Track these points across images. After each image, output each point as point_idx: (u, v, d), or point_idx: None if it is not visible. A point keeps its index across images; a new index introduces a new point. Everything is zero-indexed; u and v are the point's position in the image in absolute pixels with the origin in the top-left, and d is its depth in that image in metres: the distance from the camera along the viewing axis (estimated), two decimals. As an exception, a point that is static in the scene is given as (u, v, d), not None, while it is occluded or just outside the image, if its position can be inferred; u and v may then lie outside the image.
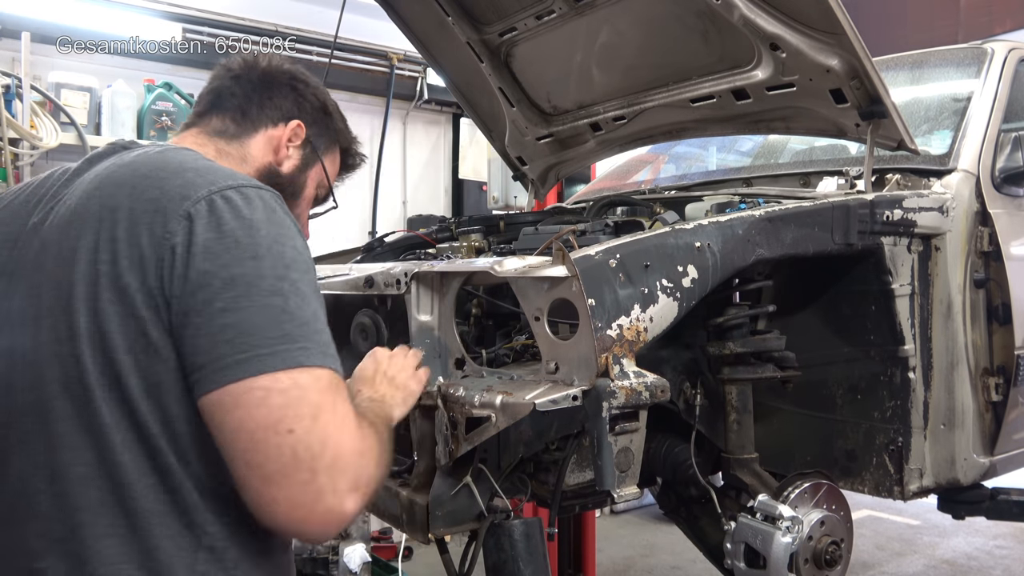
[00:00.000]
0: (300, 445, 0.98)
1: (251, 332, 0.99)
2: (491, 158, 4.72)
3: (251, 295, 1.01)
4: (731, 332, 1.89)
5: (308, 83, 1.47)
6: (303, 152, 1.43)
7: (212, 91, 1.41)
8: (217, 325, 0.99)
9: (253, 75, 1.41)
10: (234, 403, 0.98)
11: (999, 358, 2.25)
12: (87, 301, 1.02)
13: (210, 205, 1.05)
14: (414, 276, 1.74)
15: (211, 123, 1.38)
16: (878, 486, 2.15)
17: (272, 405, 0.98)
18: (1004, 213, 2.31)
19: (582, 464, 1.92)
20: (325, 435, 0.99)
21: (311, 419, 0.99)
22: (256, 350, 0.98)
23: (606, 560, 4.31)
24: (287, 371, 0.99)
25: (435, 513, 1.69)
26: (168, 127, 4.20)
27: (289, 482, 0.98)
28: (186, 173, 1.10)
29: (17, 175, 3.75)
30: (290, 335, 1.01)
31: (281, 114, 1.41)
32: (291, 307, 1.02)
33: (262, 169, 1.38)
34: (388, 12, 2.83)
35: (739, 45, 2.23)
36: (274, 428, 0.97)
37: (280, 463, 0.97)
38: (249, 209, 1.06)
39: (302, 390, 0.99)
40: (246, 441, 0.98)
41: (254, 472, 0.98)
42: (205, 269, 1.01)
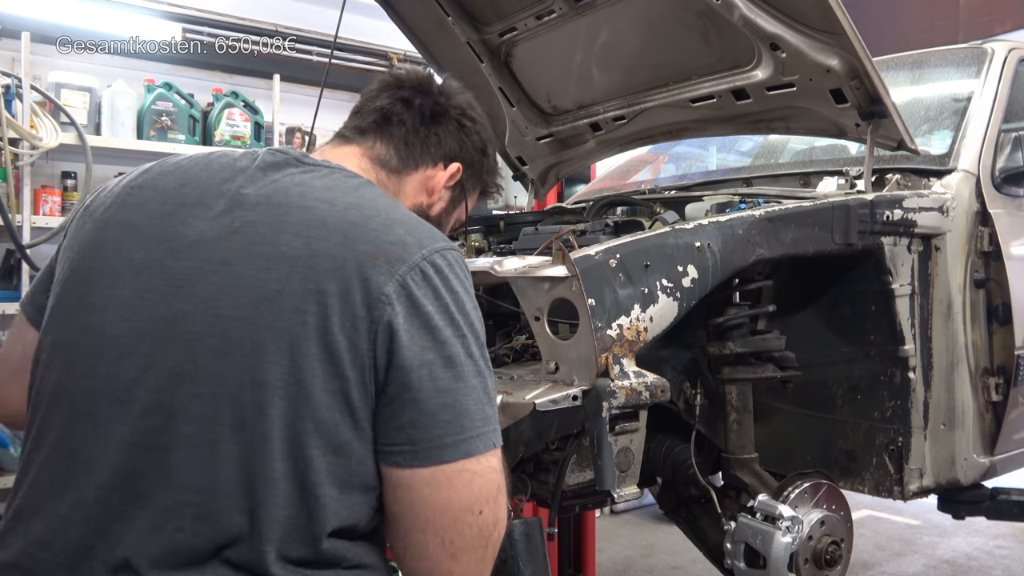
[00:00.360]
0: (484, 525, 1.05)
1: (466, 414, 1.03)
2: (491, 158, 4.70)
3: (464, 376, 1.04)
4: (731, 332, 1.89)
5: (476, 120, 1.39)
6: (453, 194, 1.38)
7: (379, 110, 1.31)
8: (437, 404, 1.02)
9: (424, 103, 1.33)
10: (447, 482, 1.02)
11: (999, 358, 2.25)
12: (288, 352, 0.98)
13: (424, 273, 1.05)
14: (414, 276, 1.73)
15: (375, 148, 1.29)
16: (878, 486, 2.15)
17: (475, 487, 1.04)
18: (1004, 213, 2.31)
19: (582, 464, 1.92)
20: (499, 514, 1.07)
21: (494, 502, 1.06)
22: (468, 432, 1.03)
23: (606, 560, 4.30)
24: (486, 455, 1.05)
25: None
26: (168, 127, 4.20)
27: (469, 557, 1.05)
28: (396, 228, 1.07)
29: (17, 175, 3.75)
30: (489, 417, 1.07)
31: (443, 153, 1.34)
32: (489, 387, 1.08)
33: (413, 208, 1.31)
34: (388, 12, 2.83)
35: (739, 45, 2.23)
36: (471, 509, 1.03)
37: (468, 540, 1.04)
38: (455, 279, 1.08)
39: (494, 473, 1.06)
40: (448, 519, 1.03)
41: (444, 548, 1.03)
42: (425, 345, 1.02)
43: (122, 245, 1.08)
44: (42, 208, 3.89)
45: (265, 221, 1.05)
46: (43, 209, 3.88)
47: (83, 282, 1.09)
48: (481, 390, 1.06)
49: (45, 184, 3.98)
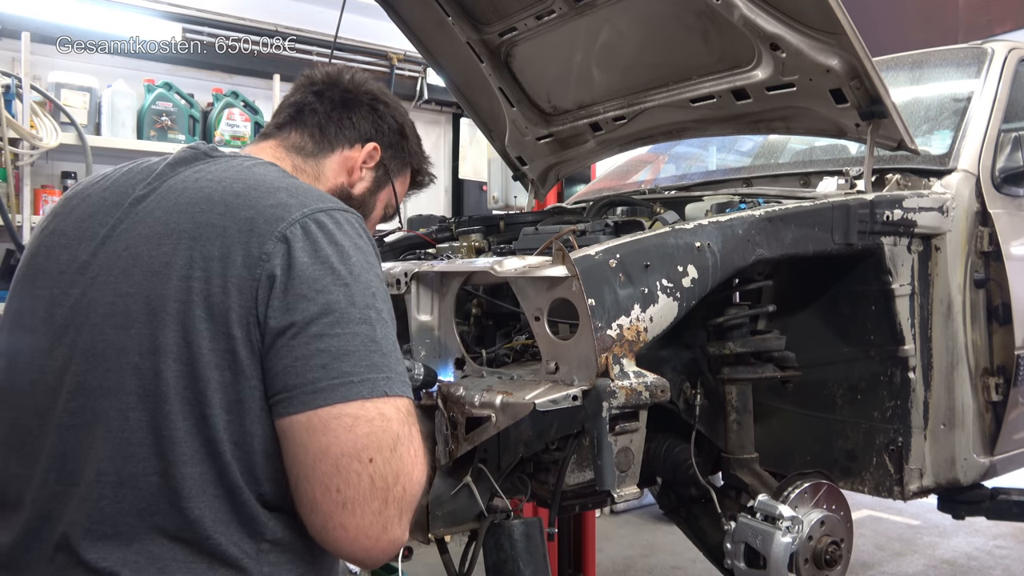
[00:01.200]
0: (378, 475, 1.00)
1: (343, 359, 1.02)
2: (491, 158, 4.71)
3: (344, 323, 1.03)
4: (731, 332, 1.89)
5: (388, 104, 1.48)
6: (376, 174, 1.45)
7: (293, 104, 1.42)
8: (312, 349, 1.02)
9: (335, 92, 1.43)
10: (323, 427, 1.00)
11: (999, 358, 2.25)
12: (177, 317, 1.03)
13: (304, 228, 1.07)
14: (414, 276, 1.74)
15: (290, 137, 1.39)
16: (878, 486, 2.15)
17: (359, 433, 1.00)
18: (1004, 213, 2.31)
19: (582, 464, 1.92)
20: (400, 468, 1.02)
21: (390, 450, 1.02)
22: (348, 377, 1.01)
23: (606, 560, 4.30)
24: (374, 400, 1.02)
25: (435, 513, 1.69)
26: (168, 127, 4.20)
27: (363, 510, 1.00)
28: (278, 193, 1.11)
29: (17, 175, 3.75)
30: (377, 365, 1.04)
31: (359, 135, 1.42)
32: (378, 336, 1.06)
33: (334, 189, 1.39)
34: (388, 12, 2.83)
35: (739, 45, 2.23)
36: (357, 456, 1.00)
37: (359, 491, 1.00)
38: (341, 234, 1.10)
39: (386, 421, 1.02)
40: (330, 466, 1.00)
41: (331, 496, 1.00)
42: (302, 294, 1.03)
43: (52, 251, 1.18)
44: (42, 208, 3.89)
45: (162, 207, 1.13)
46: (43, 209, 3.89)
47: (21, 288, 1.21)
48: (367, 337, 1.04)
49: (45, 184, 3.99)
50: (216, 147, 1.27)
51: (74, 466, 1.05)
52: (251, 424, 1.03)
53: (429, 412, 1.66)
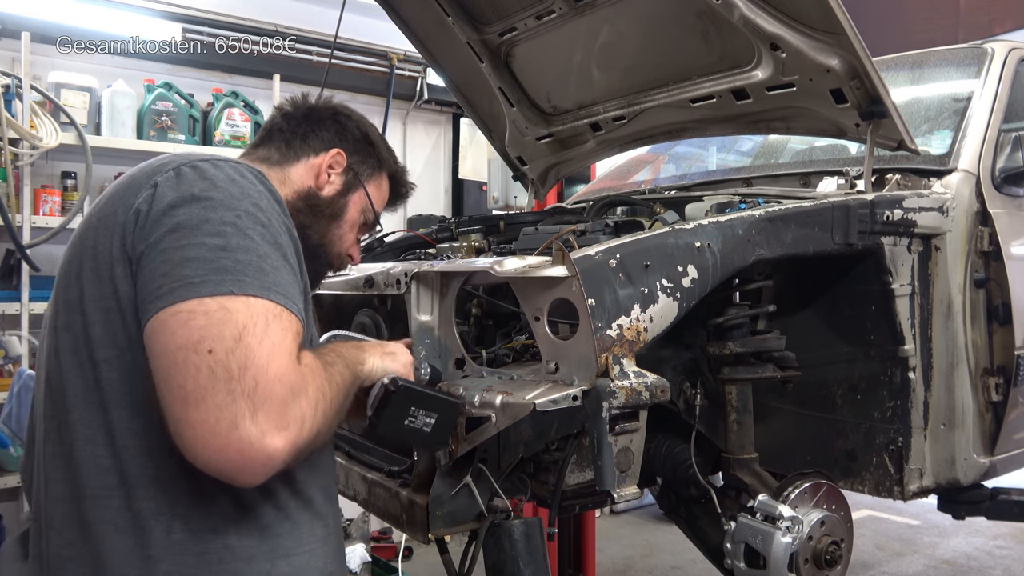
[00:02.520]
0: (219, 366, 0.96)
1: (184, 264, 1.01)
2: (491, 158, 4.71)
3: (192, 235, 1.04)
4: (731, 332, 1.89)
5: (351, 116, 1.56)
6: (345, 178, 1.51)
7: (264, 127, 1.54)
8: (157, 262, 1.03)
9: (299, 111, 1.53)
10: (161, 327, 0.99)
11: (999, 358, 2.25)
12: (76, 276, 1.11)
13: (177, 171, 1.11)
14: (414, 276, 1.74)
15: (258, 152, 1.49)
16: (878, 486, 2.15)
17: (194, 326, 0.97)
18: (1004, 213, 2.31)
19: (582, 464, 1.92)
20: (247, 358, 0.97)
21: (234, 340, 0.97)
22: (188, 279, 1.00)
23: (606, 560, 4.30)
24: (216, 297, 0.99)
25: (435, 513, 1.69)
26: (168, 127, 4.20)
27: (206, 404, 0.95)
28: (165, 159, 1.17)
29: (17, 175, 3.75)
30: (225, 268, 1.02)
31: (322, 144, 1.50)
32: (232, 245, 1.04)
33: (301, 191, 1.45)
34: (388, 12, 2.83)
35: (739, 45, 2.23)
36: (194, 348, 0.96)
37: (197, 383, 0.95)
38: (216, 172, 1.12)
39: (228, 312, 0.99)
40: (168, 361, 0.98)
41: (174, 392, 0.97)
42: (157, 219, 1.06)
43: (65, 254, 1.23)
44: (42, 208, 3.89)
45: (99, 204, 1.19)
46: (43, 209, 3.89)
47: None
48: (215, 247, 1.03)
49: (45, 184, 3.99)
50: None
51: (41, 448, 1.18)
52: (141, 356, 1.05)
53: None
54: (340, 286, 1.95)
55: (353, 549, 4.15)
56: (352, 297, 2.00)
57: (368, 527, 4.43)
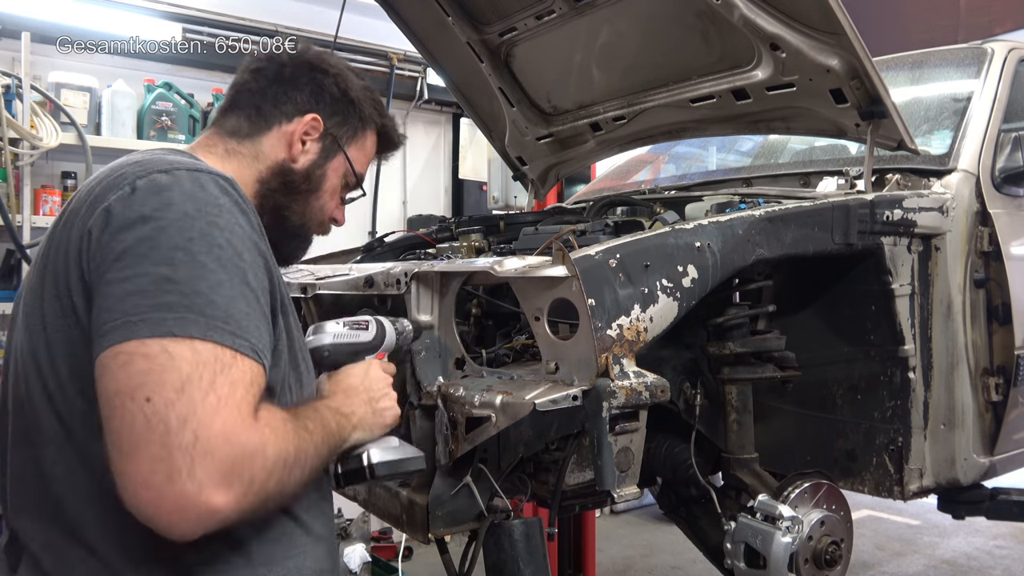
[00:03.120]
0: (156, 417, 0.90)
1: (124, 299, 0.96)
2: (491, 158, 4.72)
3: (138, 264, 0.97)
4: (731, 332, 1.89)
5: (328, 72, 1.39)
6: (322, 144, 1.38)
7: (233, 86, 1.39)
8: (103, 294, 0.98)
9: (271, 69, 1.37)
10: (103, 369, 0.94)
11: (999, 358, 2.25)
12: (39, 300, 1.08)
13: (133, 189, 1.04)
14: (414, 276, 1.74)
15: (227, 122, 1.35)
16: (878, 486, 2.15)
17: (133, 371, 0.92)
18: (1004, 213, 2.31)
19: (582, 464, 1.92)
20: (189, 411, 0.91)
21: (175, 391, 0.91)
22: (127, 316, 0.94)
23: (606, 560, 4.30)
24: (158, 339, 0.93)
25: (435, 513, 1.69)
26: (168, 127, 4.20)
27: (140, 455, 0.90)
28: (126, 167, 1.10)
29: (17, 175, 3.75)
30: (168, 304, 0.95)
31: (296, 108, 1.35)
32: (179, 276, 0.97)
33: (274, 166, 1.34)
34: (388, 12, 2.83)
35: (739, 45, 2.23)
36: (131, 394, 0.91)
37: (133, 432, 0.90)
38: (173, 187, 1.04)
39: (171, 359, 0.92)
40: (106, 406, 0.93)
41: (111, 439, 0.92)
42: (106, 244, 1.00)
43: (31, 270, 1.20)
44: (42, 208, 3.89)
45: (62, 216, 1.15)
46: (43, 209, 3.89)
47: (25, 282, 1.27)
48: (160, 277, 0.96)
49: (45, 184, 3.98)
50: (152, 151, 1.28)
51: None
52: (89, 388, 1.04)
53: (429, 412, 1.66)
54: (340, 286, 1.95)
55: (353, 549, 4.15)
56: (352, 297, 2.00)
57: (368, 527, 4.43)
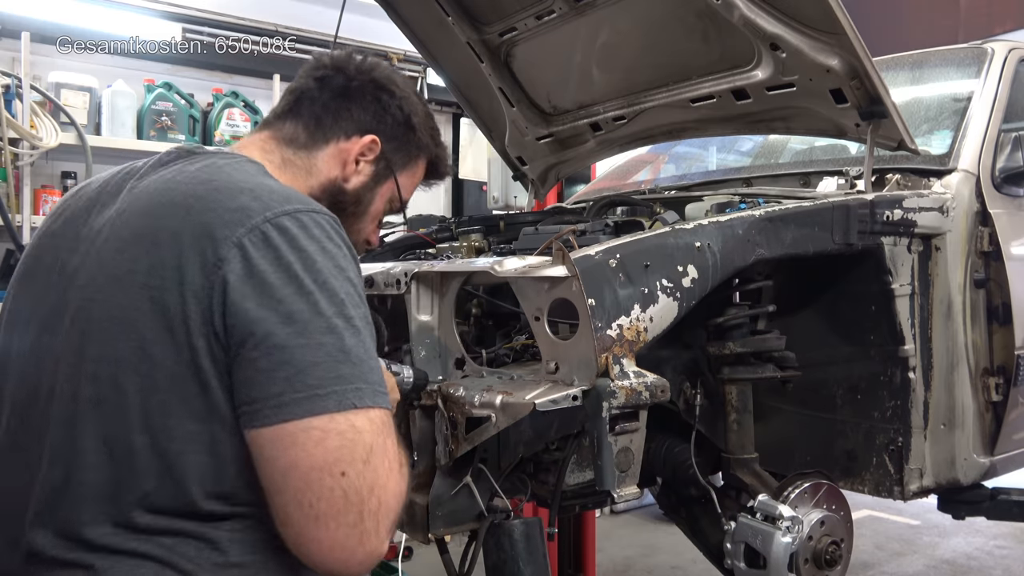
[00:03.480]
0: (351, 488, 0.98)
1: (308, 371, 0.99)
2: (491, 158, 4.71)
3: (308, 332, 1.00)
4: (731, 332, 1.89)
5: (395, 93, 1.37)
6: (375, 167, 1.37)
7: (293, 91, 1.36)
8: (275, 361, 0.99)
9: (338, 80, 1.34)
10: (291, 441, 0.98)
11: (999, 358, 2.25)
12: (136, 327, 1.01)
13: (265, 234, 1.03)
14: (414, 276, 1.74)
15: (284, 128, 1.33)
16: (878, 486, 2.15)
17: (329, 447, 0.98)
18: (1004, 213, 2.31)
19: (582, 464, 1.92)
20: (374, 479, 1.00)
21: (363, 463, 0.99)
22: (314, 390, 0.98)
23: (606, 560, 4.30)
24: (344, 413, 0.99)
25: (435, 513, 1.69)
26: (168, 127, 4.20)
27: (336, 524, 0.98)
28: (241, 196, 1.07)
29: (17, 175, 3.75)
30: (345, 376, 1.00)
31: (356, 127, 1.34)
32: (347, 345, 1.02)
33: (326, 184, 1.32)
34: (388, 12, 2.83)
35: (739, 45, 2.23)
36: (328, 470, 0.97)
37: (330, 505, 0.98)
38: (306, 238, 1.05)
39: (357, 433, 0.99)
40: (300, 480, 0.98)
41: (303, 511, 0.98)
42: (262, 303, 1.00)
43: (41, 251, 1.19)
44: (42, 208, 3.89)
45: (131, 209, 1.11)
46: (43, 209, 3.89)
47: (15, 288, 1.22)
48: (334, 348, 1.00)
49: (45, 184, 3.99)
50: (202, 147, 1.25)
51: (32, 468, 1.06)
52: (221, 431, 1.02)
53: (429, 412, 1.66)
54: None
55: (353, 549, 4.14)
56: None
57: (368, 527, 4.42)
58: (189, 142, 1.28)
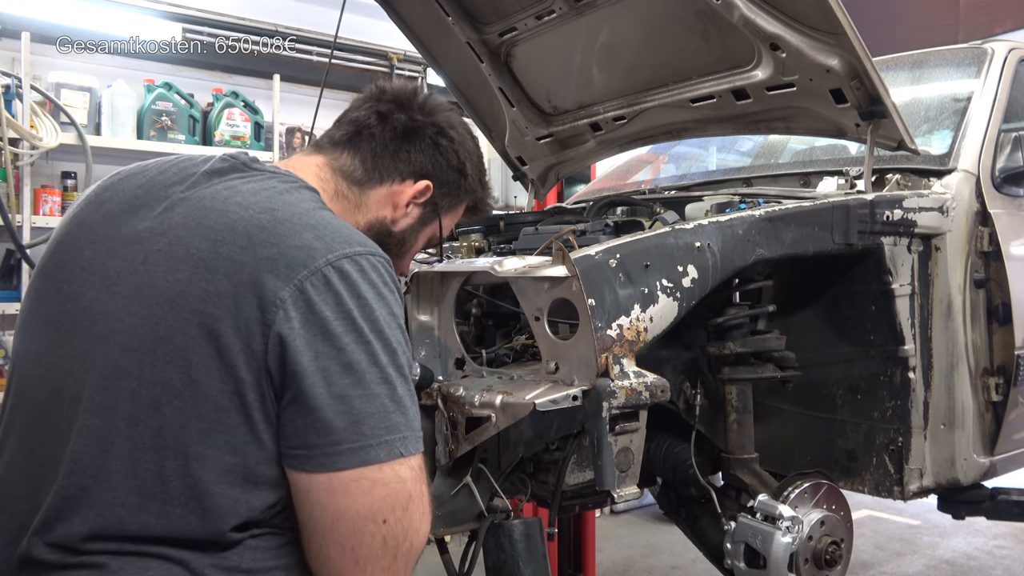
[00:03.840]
0: (390, 535, 1.03)
1: (363, 421, 1.02)
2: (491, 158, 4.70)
3: (365, 383, 1.03)
4: (731, 332, 1.89)
5: (454, 140, 1.37)
6: (423, 211, 1.37)
7: (354, 122, 1.34)
8: (333, 410, 1.01)
9: (400, 119, 1.33)
10: (343, 490, 1.01)
11: (999, 358, 2.25)
12: (184, 352, 1.01)
13: (326, 277, 1.03)
14: (414, 276, 1.74)
15: (341, 158, 1.31)
16: (878, 486, 2.15)
17: (375, 496, 1.02)
18: (1004, 213, 2.31)
19: (582, 464, 1.92)
20: (409, 525, 1.05)
21: (403, 510, 1.04)
22: (367, 440, 1.02)
23: (606, 560, 4.30)
24: (391, 463, 1.03)
25: (435, 513, 1.68)
26: (168, 127, 4.20)
27: (373, 567, 1.03)
28: (304, 233, 1.06)
29: (17, 175, 3.75)
30: (396, 425, 1.04)
31: (412, 170, 1.33)
32: (398, 395, 1.06)
33: (374, 223, 1.32)
34: (388, 12, 2.83)
35: (739, 45, 2.23)
36: (373, 518, 1.02)
37: (371, 549, 1.03)
38: (365, 284, 1.06)
39: (401, 483, 1.04)
40: (347, 527, 1.02)
41: (345, 555, 1.03)
42: (321, 350, 1.01)
43: (77, 243, 1.14)
44: (42, 208, 3.89)
45: (186, 224, 1.08)
46: (43, 209, 3.89)
47: (44, 277, 1.16)
48: (387, 397, 1.04)
49: (45, 184, 3.99)
50: (256, 159, 1.22)
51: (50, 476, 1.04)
52: (259, 467, 1.03)
53: (429, 412, 1.66)
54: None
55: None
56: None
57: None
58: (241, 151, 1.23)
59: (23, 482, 1.08)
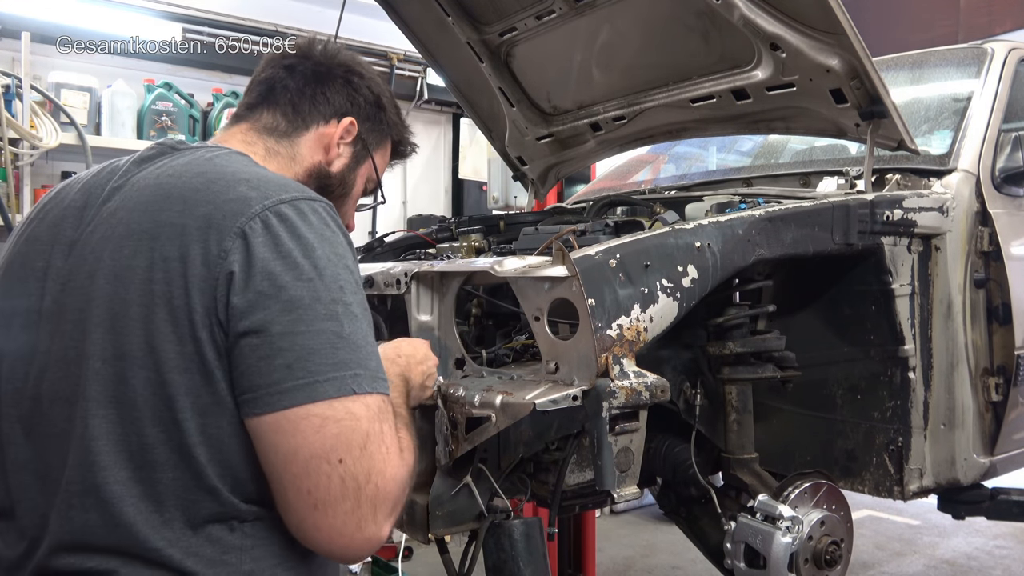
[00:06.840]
0: (348, 475, 0.99)
1: (308, 358, 1.00)
2: (491, 158, 4.71)
3: (308, 319, 1.01)
4: (731, 332, 1.89)
5: (363, 75, 1.41)
6: (354, 149, 1.40)
7: (264, 81, 1.36)
8: (275, 348, 0.99)
9: (307, 66, 1.36)
10: (292, 428, 0.99)
11: (999, 358, 2.25)
12: (141, 322, 1.01)
13: (265, 222, 1.04)
14: (414, 276, 1.74)
15: (262, 118, 1.34)
16: (878, 486, 2.15)
17: (327, 434, 0.99)
18: (1004, 213, 2.31)
19: (582, 464, 1.92)
20: (371, 466, 1.01)
21: (360, 449, 1.00)
22: (313, 376, 0.99)
23: (606, 560, 4.30)
24: (341, 400, 1.00)
25: (435, 513, 1.69)
26: (168, 127, 4.20)
27: (334, 511, 1.00)
28: (238, 186, 1.08)
29: (17, 175, 3.75)
30: (344, 362, 1.02)
31: (333, 110, 1.36)
32: (346, 332, 1.03)
33: (311, 169, 1.35)
34: (388, 12, 2.83)
35: (739, 45, 2.23)
36: (326, 457, 0.99)
37: (328, 492, 0.99)
38: (305, 225, 1.06)
39: (355, 420, 1.01)
40: (300, 467, 0.99)
41: (303, 498, 1.00)
42: (262, 290, 1.00)
43: (27, 257, 1.16)
44: (42, 208, 3.89)
45: (124, 207, 1.11)
46: (43, 209, 3.88)
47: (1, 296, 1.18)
48: (333, 334, 1.02)
49: (45, 184, 3.99)
50: (183, 142, 1.26)
51: (54, 476, 1.04)
52: (227, 424, 1.02)
53: (429, 412, 1.66)
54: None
55: (353, 549, 4.14)
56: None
57: (368, 527, 4.42)
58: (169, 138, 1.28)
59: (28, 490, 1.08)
